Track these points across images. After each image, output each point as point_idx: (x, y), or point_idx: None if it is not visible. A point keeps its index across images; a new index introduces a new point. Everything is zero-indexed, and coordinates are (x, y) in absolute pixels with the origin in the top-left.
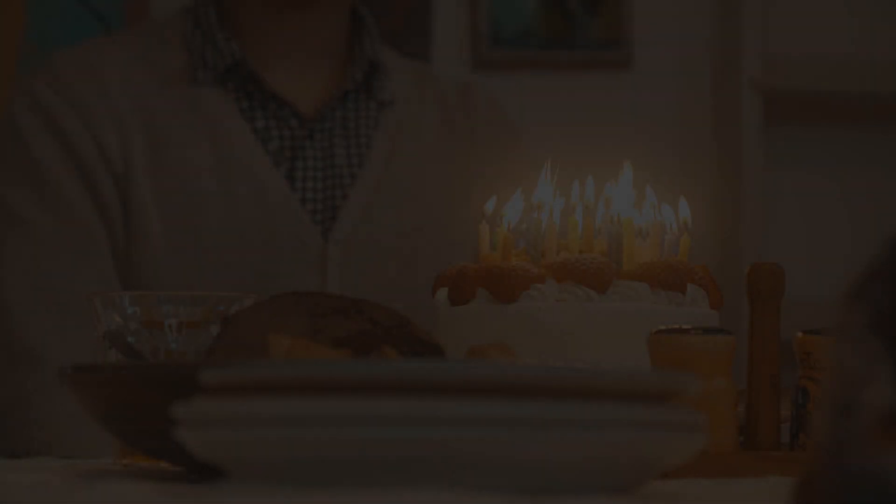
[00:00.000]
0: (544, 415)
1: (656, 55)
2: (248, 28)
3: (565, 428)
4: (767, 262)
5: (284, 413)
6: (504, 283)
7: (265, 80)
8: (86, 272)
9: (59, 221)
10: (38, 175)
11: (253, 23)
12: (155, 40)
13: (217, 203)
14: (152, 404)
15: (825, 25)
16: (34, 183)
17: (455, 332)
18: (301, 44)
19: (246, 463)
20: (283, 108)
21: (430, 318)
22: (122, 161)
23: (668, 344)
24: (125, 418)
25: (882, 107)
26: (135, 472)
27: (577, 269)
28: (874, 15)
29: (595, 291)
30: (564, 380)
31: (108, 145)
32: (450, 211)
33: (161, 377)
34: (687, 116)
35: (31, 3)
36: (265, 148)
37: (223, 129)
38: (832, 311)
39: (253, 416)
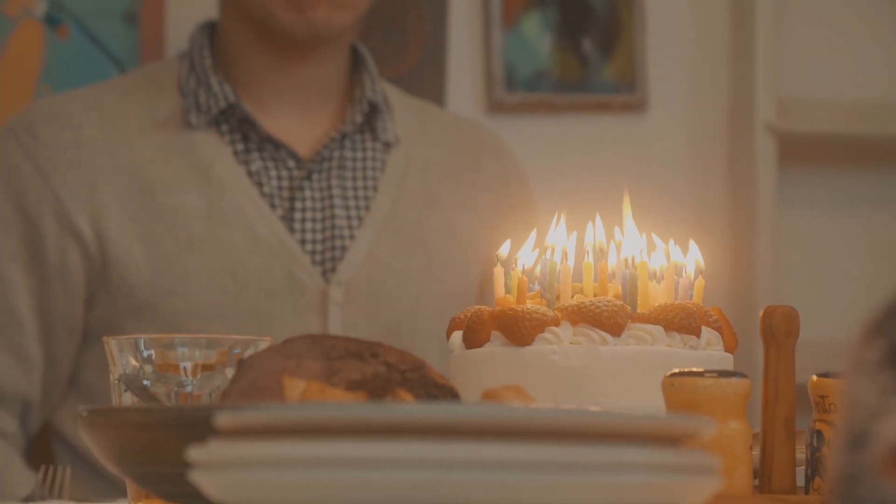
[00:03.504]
0: (559, 458)
1: (671, 98)
2: (245, 72)
3: (581, 471)
4: (782, 305)
5: (300, 456)
6: (519, 326)
7: (260, 122)
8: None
9: None
10: None
11: (249, 67)
12: (150, 84)
13: (209, 247)
14: (167, 447)
15: (838, 69)
16: None
17: (470, 375)
18: (298, 87)
19: None
20: (279, 149)
21: (433, 362)
22: (90, 218)
23: (683, 387)
24: (140, 461)
25: (895, 149)
26: None
27: (591, 313)
28: (886, 59)
29: (610, 334)
30: (579, 423)
31: (73, 207)
32: (454, 255)
33: (176, 420)
34: (701, 159)
35: (47, 44)
36: (260, 190)
37: (215, 173)
38: (847, 347)
39: (268, 459)
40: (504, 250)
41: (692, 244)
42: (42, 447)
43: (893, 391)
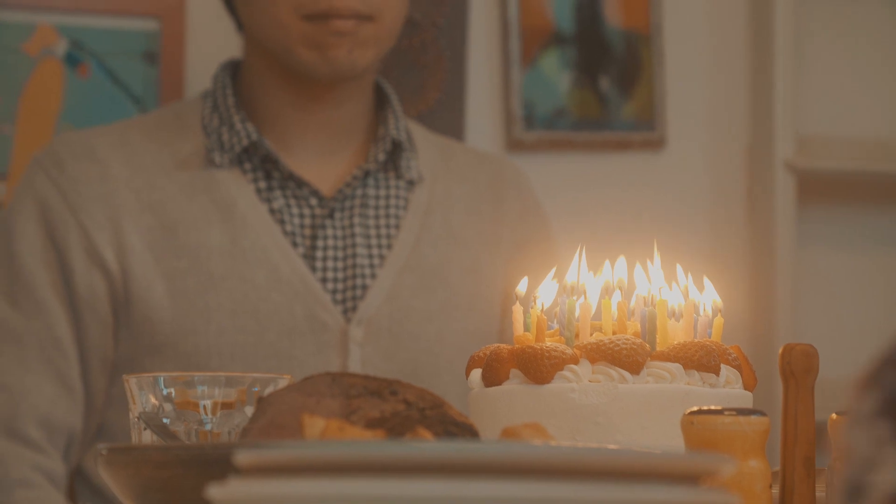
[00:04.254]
0: (579, 496)
1: (689, 136)
2: (267, 111)
3: None
4: (801, 343)
5: (319, 494)
6: (538, 364)
7: (283, 160)
8: (42, 373)
9: (26, 320)
10: (15, 270)
11: (272, 106)
12: (174, 123)
13: (231, 285)
14: (187, 485)
15: (857, 107)
16: (9, 278)
17: (489, 413)
18: (321, 126)
19: None
20: (302, 187)
21: (453, 401)
22: (115, 252)
23: (702, 425)
24: (160, 499)
25: None
26: None
27: (610, 351)
28: None
29: (629, 372)
30: (599, 461)
31: (99, 240)
32: (477, 293)
33: (196, 458)
34: (720, 197)
35: (67, 83)
36: (282, 228)
37: (238, 211)
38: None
39: (288, 498)
40: (522, 287)
41: (708, 283)
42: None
43: (888, 441)
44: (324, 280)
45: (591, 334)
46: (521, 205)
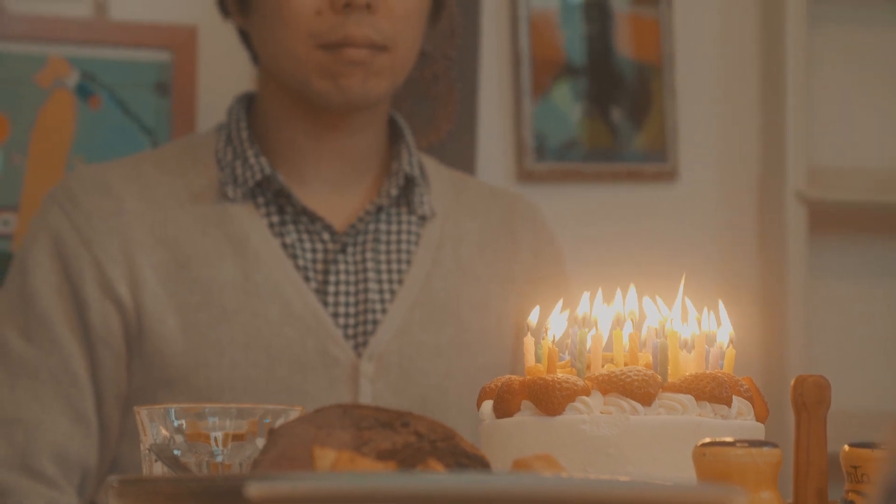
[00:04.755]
0: None
1: (701, 167)
2: (281, 144)
3: None
4: (813, 374)
5: None
6: (549, 395)
7: (296, 195)
8: (58, 408)
9: (42, 355)
10: (30, 305)
11: (286, 139)
12: (188, 157)
13: (243, 319)
14: None
15: (868, 138)
16: (24, 313)
17: (500, 445)
18: (335, 158)
19: None
20: (315, 222)
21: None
22: (129, 286)
23: (714, 457)
24: None
25: None
26: None
27: (622, 382)
28: None
29: (640, 404)
30: (610, 493)
31: (113, 274)
32: (488, 328)
33: (207, 490)
34: (731, 228)
35: (79, 115)
36: (295, 263)
37: (251, 245)
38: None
39: None
40: (534, 318)
41: (723, 313)
42: None
43: None
44: (335, 315)
45: (603, 365)
46: (535, 240)
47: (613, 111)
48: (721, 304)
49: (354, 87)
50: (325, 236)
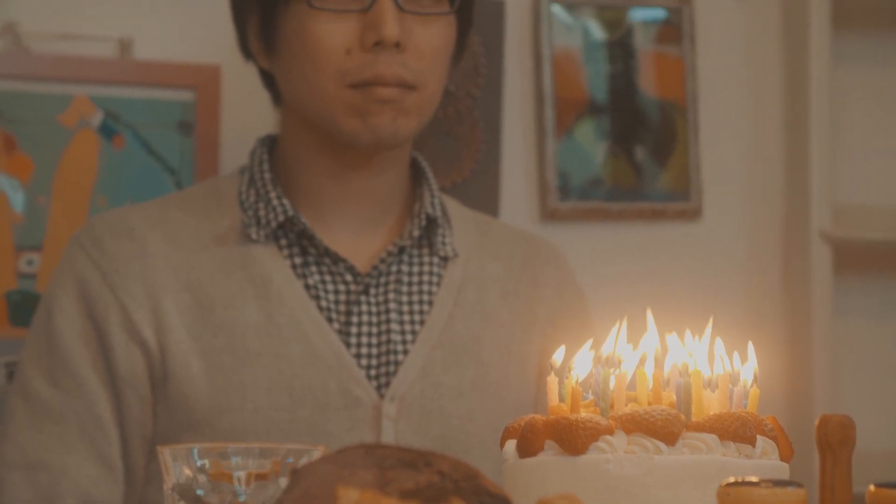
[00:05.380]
0: None
1: (725, 206)
2: (304, 184)
3: None
4: (837, 414)
5: None
6: (573, 435)
7: (319, 236)
8: (83, 452)
9: (67, 399)
10: (55, 349)
11: (309, 179)
12: (211, 199)
13: (266, 361)
14: None
15: (893, 176)
16: (50, 356)
17: (523, 485)
18: (358, 198)
19: None
20: (338, 263)
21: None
22: (154, 330)
23: (739, 497)
24: None
25: None
26: None
27: (645, 421)
28: None
29: (664, 443)
30: None
31: (138, 318)
32: (509, 370)
33: None
34: (756, 267)
35: (102, 154)
36: (318, 304)
37: (274, 287)
38: None
39: None
40: (558, 357)
41: (750, 353)
42: None
43: None
44: (358, 356)
45: (627, 405)
46: (558, 282)
47: (637, 150)
48: (750, 345)
49: (384, 126)
50: (348, 277)
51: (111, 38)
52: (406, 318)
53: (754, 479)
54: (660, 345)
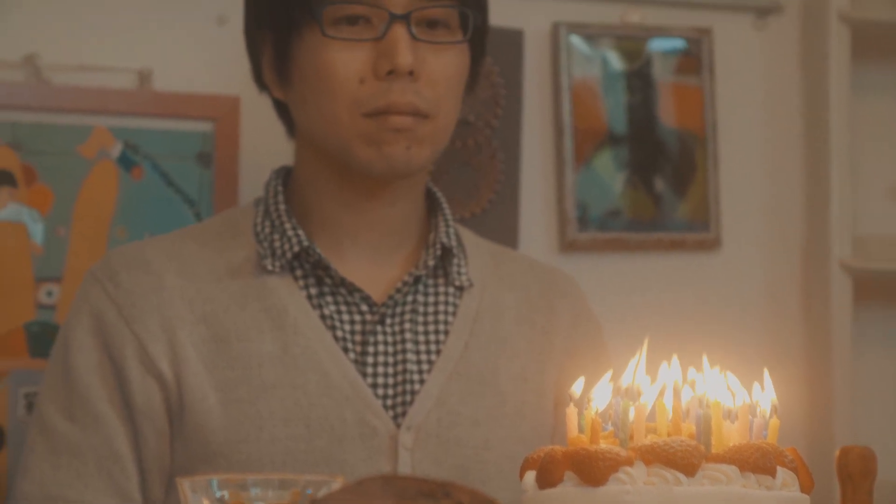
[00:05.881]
0: None
1: (744, 236)
2: (320, 215)
3: None
4: (858, 445)
5: None
6: (592, 466)
7: (334, 266)
8: (101, 487)
9: (85, 433)
10: (72, 384)
11: (324, 209)
12: (226, 231)
13: (282, 392)
14: None
15: None
16: (67, 391)
17: None
18: (373, 228)
19: None
20: (353, 293)
21: None
22: (170, 363)
23: None
24: None
25: None
26: None
27: (665, 452)
28: None
29: (684, 474)
30: None
31: (154, 351)
32: (526, 400)
33: None
34: (776, 297)
35: (121, 185)
36: (333, 334)
37: (290, 318)
38: None
39: None
40: (577, 389)
41: (767, 383)
42: None
43: None
44: (374, 385)
45: (646, 436)
46: (574, 314)
47: (656, 180)
48: (769, 376)
49: (398, 155)
50: (364, 307)
51: (131, 70)
52: (422, 347)
53: None
54: (680, 376)
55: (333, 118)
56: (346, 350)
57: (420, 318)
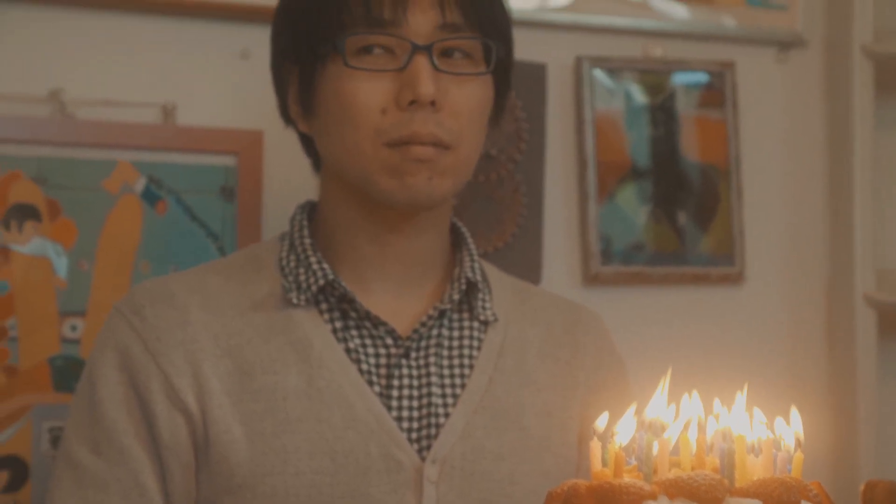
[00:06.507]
0: None
1: (768, 270)
2: (345, 249)
3: None
4: (884, 480)
5: None
6: (616, 500)
7: (359, 300)
8: None
9: (111, 468)
10: (99, 418)
11: (349, 243)
12: (251, 265)
13: (307, 426)
14: None
15: None
16: (93, 426)
17: None
18: (398, 261)
19: None
20: (378, 327)
21: None
22: (196, 396)
23: None
24: None
25: None
26: None
27: (689, 486)
28: None
29: None
30: None
31: (180, 385)
32: (550, 435)
33: None
34: (800, 331)
35: (145, 220)
36: (358, 367)
37: (315, 351)
38: None
39: None
40: (601, 423)
41: (794, 412)
42: None
43: None
44: (399, 419)
45: (670, 470)
46: (598, 350)
47: (679, 214)
48: (794, 410)
49: (419, 186)
50: (389, 341)
51: (154, 104)
52: (447, 381)
53: None
54: (703, 410)
55: (356, 148)
56: (370, 383)
57: (445, 353)
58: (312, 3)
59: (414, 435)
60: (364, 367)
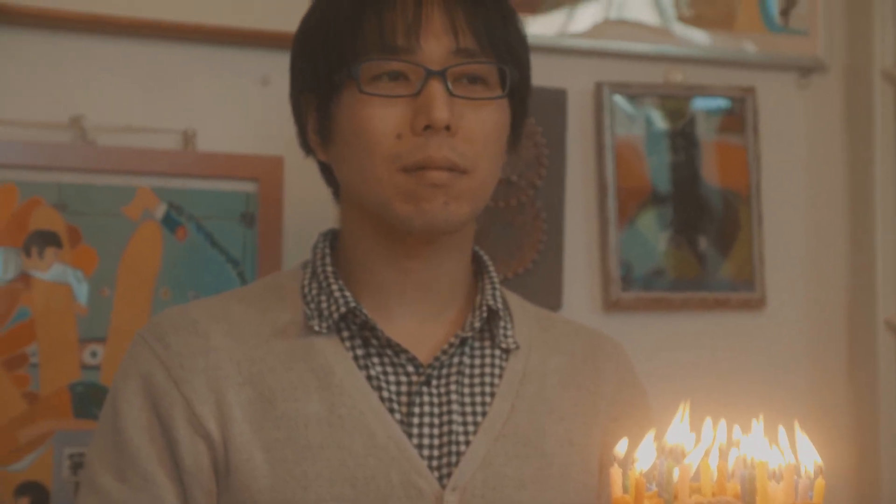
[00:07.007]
0: None
1: (789, 296)
2: (366, 276)
3: None
4: None
5: None
6: None
7: (381, 327)
8: None
9: (134, 493)
10: (122, 445)
11: (371, 270)
12: (273, 293)
13: (328, 453)
14: None
15: None
16: (116, 452)
17: None
18: (419, 288)
19: None
20: (399, 354)
21: None
22: (218, 423)
23: None
24: None
25: None
26: None
27: None
28: None
29: None
30: None
31: (203, 412)
32: (571, 463)
33: None
34: (821, 357)
35: (165, 246)
36: (379, 395)
37: (336, 378)
38: None
39: None
40: (622, 449)
41: (802, 441)
42: None
43: None
44: (420, 446)
45: (690, 496)
46: (619, 378)
47: (700, 239)
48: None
49: (435, 211)
50: (410, 368)
51: (175, 131)
52: (468, 409)
53: None
54: (724, 436)
55: (372, 174)
56: (391, 411)
57: (466, 380)
58: (327, 32)
59: (434, 462)
60: (385, 394)
